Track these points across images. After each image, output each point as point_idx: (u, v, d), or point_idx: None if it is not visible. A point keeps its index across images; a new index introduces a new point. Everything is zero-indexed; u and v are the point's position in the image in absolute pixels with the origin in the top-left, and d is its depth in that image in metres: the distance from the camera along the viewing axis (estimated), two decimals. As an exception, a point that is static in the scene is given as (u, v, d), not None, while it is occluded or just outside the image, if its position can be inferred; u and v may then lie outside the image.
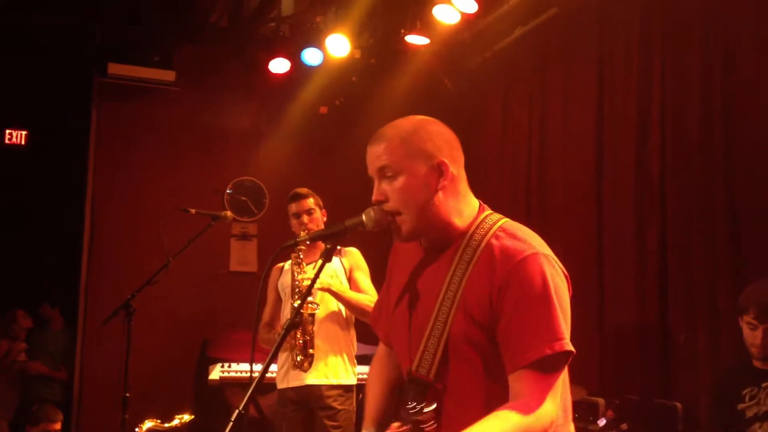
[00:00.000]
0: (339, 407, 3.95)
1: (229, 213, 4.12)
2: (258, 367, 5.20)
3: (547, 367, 1.72)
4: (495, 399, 1.75)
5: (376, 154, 1.88)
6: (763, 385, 3.32)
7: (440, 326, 1.82)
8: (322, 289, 3.86)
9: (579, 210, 5.16)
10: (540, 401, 1.70)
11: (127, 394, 3.90)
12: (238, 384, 4.84)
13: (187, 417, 3.24)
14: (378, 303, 2.24)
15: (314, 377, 3.94)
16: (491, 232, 1.85)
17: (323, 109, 6.64)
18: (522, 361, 1.72)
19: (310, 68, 6.15)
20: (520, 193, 5.78)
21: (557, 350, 1.71)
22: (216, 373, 4.71)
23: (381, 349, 2.21)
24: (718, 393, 3.59)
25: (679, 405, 4.18)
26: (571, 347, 1.74)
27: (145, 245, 5.70)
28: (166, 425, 3.21)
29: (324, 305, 4.00)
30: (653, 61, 4.64)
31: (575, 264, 4.97)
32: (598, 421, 3.02)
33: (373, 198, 1.90)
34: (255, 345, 2.00)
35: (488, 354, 1.79)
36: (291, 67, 6.18)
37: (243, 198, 6.59)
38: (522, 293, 1.74)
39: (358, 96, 6.37)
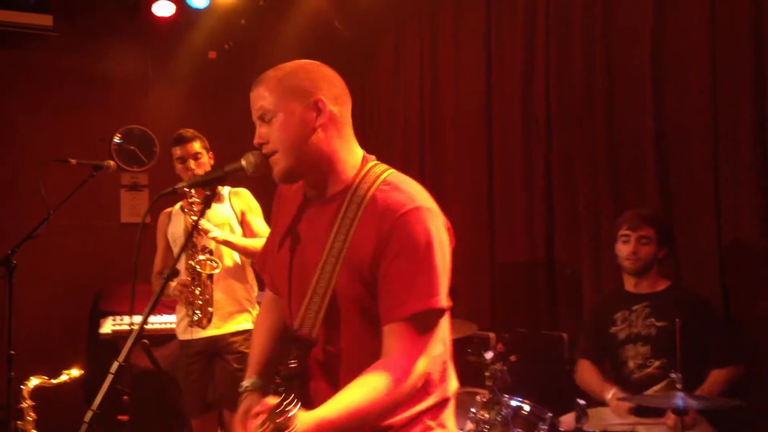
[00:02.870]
0: (247, 351, 3.94)
1: (112, 163, 3.95)
2: (153, 319, 5.07)
3: (421, 323, 1.72)
4: (379, 358, 1.74)
5: (256, 98, 1.85)
6: (634, 308, 3.52)
7: (324, 284, 1.79)
8: (216, 241, 3.80)
9: (470, 152, 5.26)
10: (412, 360, 1.71)
11: (12, 352, 3.78)
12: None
13: (76, 372, 3.14)
14: (264, 249, 2.18)
15: (216, 329, 3.92)
16: (375, 185, 1.81)
17: (212, 54, 6.46)
18: (397, 315, 1.72)
19: (197, 11, 5.95)
20: (414, 134, 5.83)
21: (433, 306, 1.71)
22: (108, 326, 4.61)
23: (268, 295, 2.17)
24: (591, 320, 3.81)
25: (565, 335, 4.39)
26: (445, 303, 1.74)
27: (26, 199, 5.46)
28: (54, 381, 3.11)
29: (219, 260, 3.94)
30: (538, 3, 4.73)
31: (467, 204, 5.15)
32: (485, 354, 3.14)
33: (254, 141, 1.86)
34: (134, 296, 1.95)
35: (373, 313, 1.77)
36: (176, 11, 5.97)
37: (132, 147, 6.37)
38: (403, 247, 1.72)
39: (248, 40, 6.21)
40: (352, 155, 1.88)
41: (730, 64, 3.61)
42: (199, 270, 3.75)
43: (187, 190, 1.94)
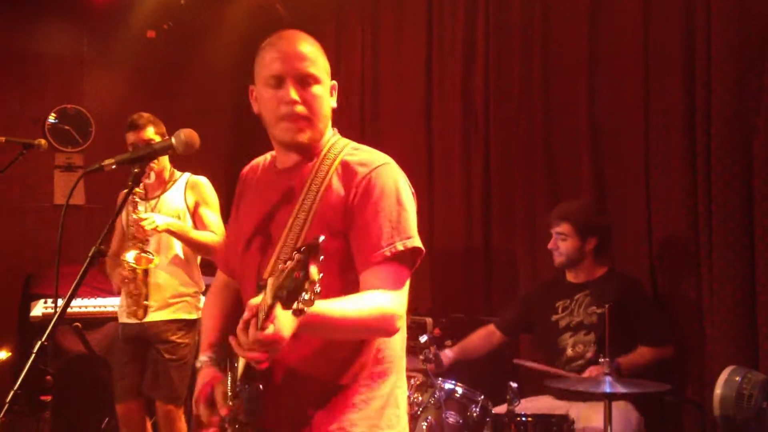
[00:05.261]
0: (178, 340, 3.90)
1: (43, 141, 3.81)
2: (87, 302, 4.96)
3: (399, 263, 1.80)
4: None
5: (301, 57, 1.89)
6: (576, 297, 3.60)
7: (294, 236, 1.85)
8: (165, 231, 3.74)
9: (411, 141, 5.27)
10: (398, 294, 1.78)
11: (-62, 335, 3.69)
12: (64, 320, 4.65)
13: (3, 354, 3.09)
14: (226, 238, 2.21)
15: (155, 316, 3.89)
16: (344, 150, 1.93)
17: (151, 34, 6.33)
18: (377, 257, 1.79)
19: (136, -11, 5.84)
20: (354, 123, 5.82)
21: (409, 246, 1.80)
22: (38, 309, 4.51)
23: (219, 278, 2.20)
24: (523, 301, 3.89)
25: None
26: (420, 244, 1.84)
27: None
28: (-20, 364, 3.05)
29: (166, 246, 3.90)
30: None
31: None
32: (420, 338, 3.18)
33: (291, 100, 1.86)
34: (60, 278, 1.94)
35: (343, 262, 1.83)
36: (114, -12, 5.85)
37: (67, 127, 6.21)
38: (379, 195, 1.83)
39: (187, 20, 6.10)
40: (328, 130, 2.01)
41: (662, 60, 3.71)
42: (134, 265, 3.72)
43: (115, 167, 1.91)
